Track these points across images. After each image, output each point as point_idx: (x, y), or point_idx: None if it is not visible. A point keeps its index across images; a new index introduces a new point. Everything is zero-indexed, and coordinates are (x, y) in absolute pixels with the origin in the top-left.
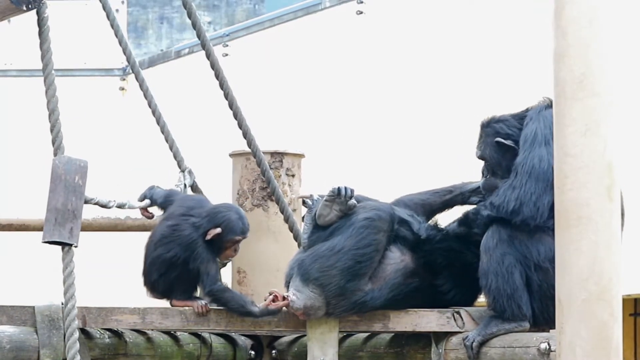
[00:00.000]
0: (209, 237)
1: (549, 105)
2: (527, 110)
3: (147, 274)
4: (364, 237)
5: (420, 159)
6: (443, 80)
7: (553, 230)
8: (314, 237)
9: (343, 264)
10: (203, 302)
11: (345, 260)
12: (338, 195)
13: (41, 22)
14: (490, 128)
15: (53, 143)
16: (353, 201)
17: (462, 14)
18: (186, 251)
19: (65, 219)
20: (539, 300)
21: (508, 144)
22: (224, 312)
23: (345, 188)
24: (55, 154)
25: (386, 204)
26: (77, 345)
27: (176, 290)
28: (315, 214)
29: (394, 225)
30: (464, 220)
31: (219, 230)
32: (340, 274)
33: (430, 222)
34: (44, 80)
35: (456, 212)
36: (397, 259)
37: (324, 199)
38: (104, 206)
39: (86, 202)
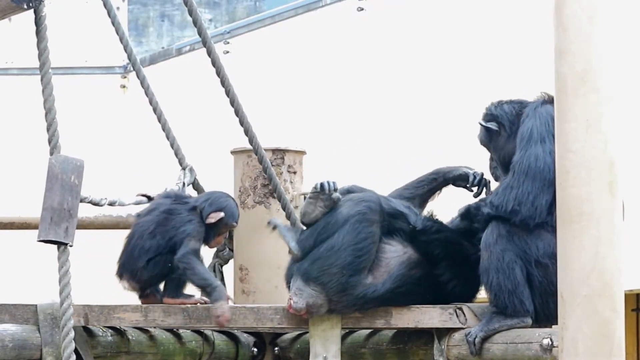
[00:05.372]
0: (211, 220)
1: (546, 101)
2: (524, 104)
3: (129, 261)
4: (360, 232)
5: (422, 154)
6: (444, 76)
7: (552, 226)
8: (303, 238)
9: (343, 260)
10: (196, 298)
11: (345, 257)
12: (322, 191)
13: (39, 21)
14: (484, 110)
15: (49, 142)
16: (337, 194)
17: (463, 10)
18: (179, 230)
19: (61, 218)
20: (539, 297)
21: (487, 126)
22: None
23: (328, 182)
24: (51, 153)
25: (373, 193)
26: (73, 344)
27: (169, 287)
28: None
29: (385, 214)
30: (466, 214)
31: (222, 214)
32: (341, 271)
33: (426, 213)
34: (41, 79)
35: (454, 204)
36: (399, 251)
37: (308, 196)
38: (96, 204)
39: (81, 201)
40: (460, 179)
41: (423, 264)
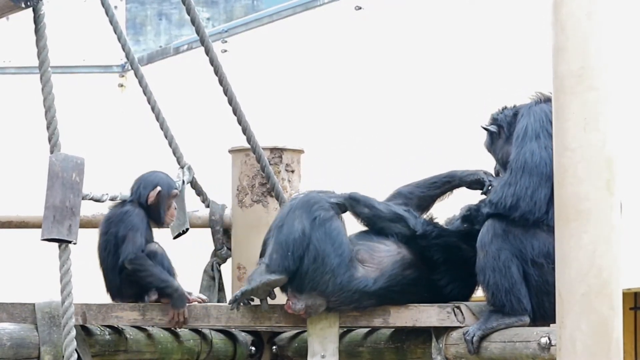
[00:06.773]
0: (152, 199)
1: (540, 101)
2: (521, 107)
3: (110, 285)
4: (330, 232)
5: (420, 154)
6: (442, 75)
7: (548, 225)
8: (275, 260)
9: (331, 265)
10: (194, 296)
11: (332, 261)
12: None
13: (37, 19)
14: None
15: (49, 140)
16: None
17: (461, 8)
18: (120, 227)
19: (63, 217)
20: (535, 295)
21: (489, 129)
22: (224, 308)
23: (234, 297)
24: (51, 152)
25: (309, 193)
26: (75, 342)
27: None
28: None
29: (332, 202)
30: (467, 217)
31: (159, 188)
32: (333, 273)
33: (426, 216)
34: (40, 78)
35: (456, 205)
36: (393, 251)
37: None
38: (97, 200)
39: (82, 198)
40: (477, 183)
41: (418, 265)
